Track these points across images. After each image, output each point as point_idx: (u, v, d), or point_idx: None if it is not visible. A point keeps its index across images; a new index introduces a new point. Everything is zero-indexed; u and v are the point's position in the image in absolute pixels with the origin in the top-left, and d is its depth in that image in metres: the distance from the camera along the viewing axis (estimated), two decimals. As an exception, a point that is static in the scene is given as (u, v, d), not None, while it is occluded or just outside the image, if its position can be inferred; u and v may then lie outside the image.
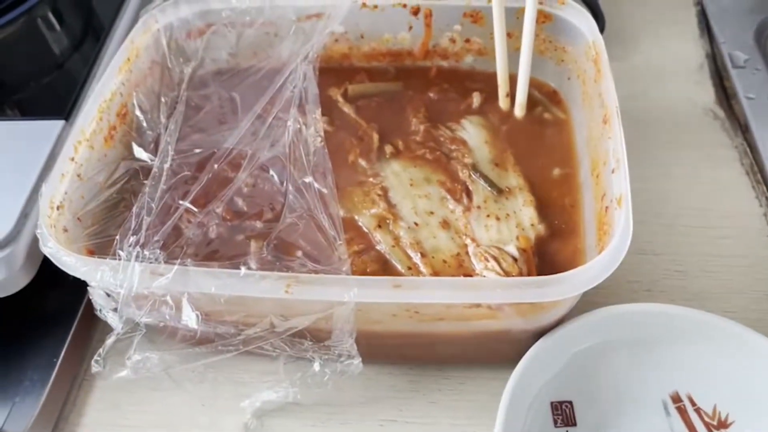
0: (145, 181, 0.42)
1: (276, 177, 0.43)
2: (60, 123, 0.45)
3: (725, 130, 0.55)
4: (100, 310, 0.38)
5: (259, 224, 0.42)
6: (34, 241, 0.38)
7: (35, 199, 0.40)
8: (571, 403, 0.37)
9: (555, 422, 0.36)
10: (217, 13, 0.50)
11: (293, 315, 0.36)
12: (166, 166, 0.43)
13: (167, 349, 0.37)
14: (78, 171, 0.41)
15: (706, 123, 0.55)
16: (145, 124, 0.46)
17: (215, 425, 0.41)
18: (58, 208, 0.39)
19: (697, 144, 0.54)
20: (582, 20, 0.46)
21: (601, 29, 0.47)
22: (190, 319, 0.35)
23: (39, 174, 0.42)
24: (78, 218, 0.40)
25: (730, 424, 0.35)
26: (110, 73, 0.45)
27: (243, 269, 0.35)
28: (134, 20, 0.52)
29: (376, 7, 0.49)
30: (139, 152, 0.45)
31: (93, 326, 0.45)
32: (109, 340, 0.37)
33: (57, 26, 0.52)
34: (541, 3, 0.47)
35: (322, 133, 0.44)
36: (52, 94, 0.50)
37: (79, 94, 0.48)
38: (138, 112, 0.47)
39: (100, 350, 0.37)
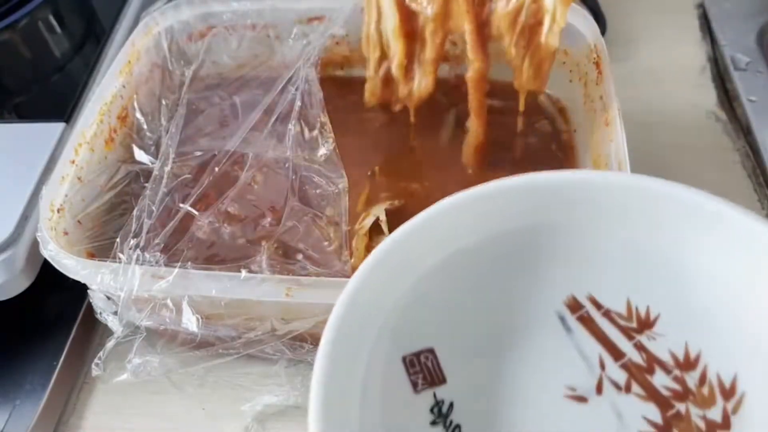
0: (146, 184, 0.42)
1: (277, 180, 0.43)
2: (60, 126, 0.45)
3: (727, 132, 0.55)
4: (101, 313, 0.38)
5: (259, 227, 0.42)
6: (35, 244, 0.38)
7: (35, 201, 0.40)
8: (432, 351, 0.24)
9: (414, 385, 0.24)
10: (217, 15, 0.50)
11: (294, 318, 0.35)
12: (167, 168, 0.43)
13: (167, 353, 0.37)
14: (78, 174, 0.41)
15: (708, 125, 0.55)
16: (145, 127, 0.46)
17: (216, 429, 0.41)
18: (58, 210, 0.39)
19: (698, 146, 0.54)
20: (583, 22, 0.46)
21: (603, 31, 0.47)
22: (190, 322, 0.35)
23: (39, 177, 0.42)
24: (78, 221, 0.40)
25: (655, 320, 0.24)
26: (111, 75, 0.45)
27: (243, 272, 0.35)
28: (135, 23, 0.52)
29: (377, 9, 0.49)
30: (140, 155, 0.45)
31: (93, 329, 0.45)
32: (109, 344, 0.37)
33: (58, 29, 0.53)
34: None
35: (332, 134, 0.43)
36: (52, 96, 0.50)
37: (80, 96, 0.48)
38: (139, 115, 0.47)
39: (100, 353, 0.37)
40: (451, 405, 0.23)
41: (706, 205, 0.25)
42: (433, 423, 0.23)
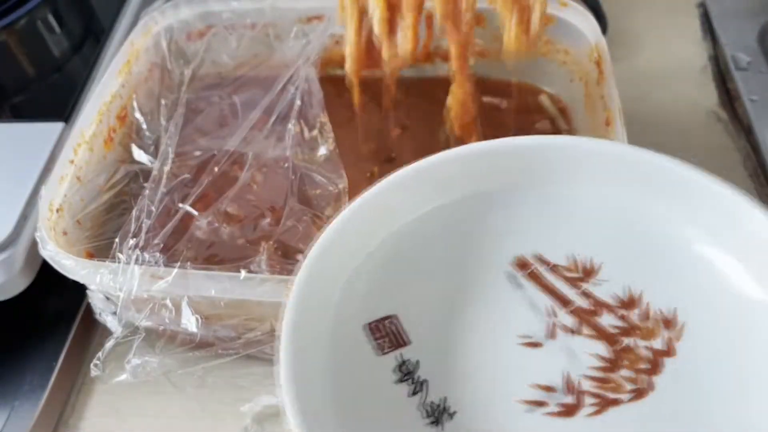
0: (145, 184, 0.42)
1: (277, 180, 0.43)
2: (59, 125, 0.45)
3: (728, 132, 0.55)
4: (100, 313, 0.38)
5: (259, 227, 0.41)
6: (33, 244, 0.38)
7: (34, 201, 0.40)
8: (394, 317, 0.26)
9: (381, 348, 0.25)
10: (217, 15, 0.49)
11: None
12: (166, 168, 0.42)
13: (167, 353, 0.37)
14: (77, 173, 0.41)
15: (710, 125, 0.55)
16: (144, 127, 0.46)
17: (215, 429, 0.41)
18: (57, 210, 0.39)
19: (700, 146, 0.54)
20: (584, 22, 0.46)
21: (604, 31, 0.47)
22: (189, 322, 0.35)
23: (38, 177, 0.41)
24: (77, 221, 0.40)
25: (599, 268, 0.26)
26: (110, 75, 0.45)
27: (243, 272, 0.35)
28: (134, 22, 0.52)
29: (377, 9, 0.49)
30: (139, 155, 0.45)
31: (92, 330, 0.45)
32: (109, 344, 0.37)
33: (57, 28, 0.52)
34: (543, 5, 0.47)
35: (332, 134, 0.43)
36: (51, 96, 0.50)
37: (79, 96, 0.48)
38: (138, 115, 0.46)
39: (99, 354, 0.37)
40: (417, 362, 0.25)
41: (639, 158, 0.27)
42: (399, 381, 0.24)
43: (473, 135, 0.42)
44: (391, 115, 0.47)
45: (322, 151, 0.43)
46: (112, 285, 0.35)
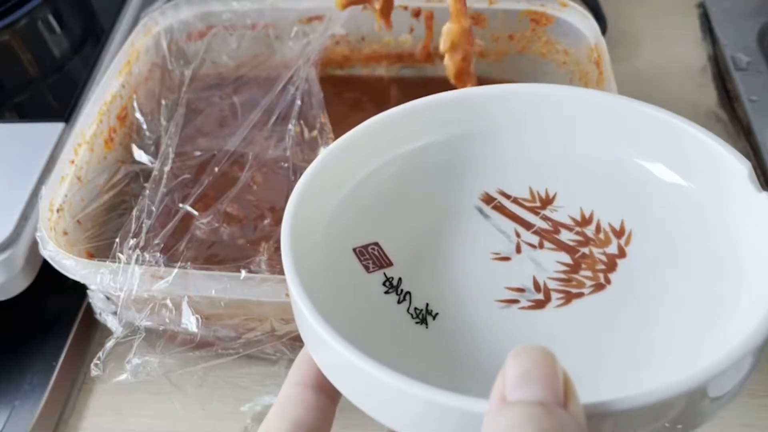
0: (146, 184, 0.42)
1: (277, 180, 0.43)
2: (60, 126, 0.45)
3: (728, 132, 0.55)
4: (100, 313, 0.38)
5: (259, 228, 0.41)
6: (34, 244, 0.38)
7: (35, 201, 0.40)
8: (377, 243, 0.30)
9: (366, 268, 0.29)
10: (217, 15, 0.49)
11: (294, 318, 0.35)
12: (167, 168, 0.42)
13: (167, 353, 0.37)
14: (78, 174, 0.41)
15: (709, 126, 0.55)
16: (145, 127, 0.46)
17: (215, 429, 0.41)
18: (57, 210, 0.39)
19: (699, 146, 0.54)
20: (584, 22, 0.46)
21: (603, 31, 0.47)
22: (190, 322, 0.35)
23: (39, 177, 0.42)
24: (78, 221, 0.40)
25: (554, 197, 0.31)
26: (110, 75, 0.45)
27: (243, 272, 0.35)
28: (134, 23, 0.52)
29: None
30: (140, 155, 0.45)
31: (92, 330, 0.45)
32: (109, 344, 0.37)
33: (57, 29, 0.52)
34: (542, 6, 0.47)
35: (332, 135, 0.43)
36: (52, 96, 0.50)
37: (80, 96, 0.48)
38: (138, 115, 0.47)
39: (100, 354, 0.37)
40: (400, 279, 0.28)
41: (583, 96, 0.31)
42: (387, 292, 0.28)
43: (468, 83, 0.42)
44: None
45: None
46: (113, 285, 0.35)
